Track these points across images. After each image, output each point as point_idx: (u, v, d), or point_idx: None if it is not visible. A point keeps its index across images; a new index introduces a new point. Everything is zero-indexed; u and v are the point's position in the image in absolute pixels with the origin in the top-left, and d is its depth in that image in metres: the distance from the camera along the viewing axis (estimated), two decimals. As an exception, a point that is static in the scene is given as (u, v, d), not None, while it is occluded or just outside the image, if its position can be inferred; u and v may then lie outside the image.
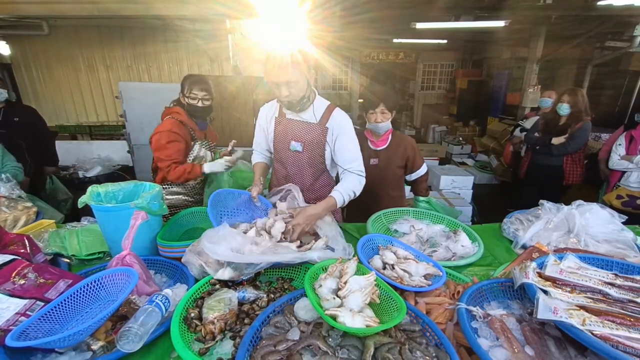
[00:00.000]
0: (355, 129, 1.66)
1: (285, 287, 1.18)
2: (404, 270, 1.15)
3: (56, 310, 0.92)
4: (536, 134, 3.30)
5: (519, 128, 4.28)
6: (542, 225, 1.51)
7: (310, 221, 1.36)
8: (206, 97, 1.91)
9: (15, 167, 2.19)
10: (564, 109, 2.97)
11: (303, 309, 0.93)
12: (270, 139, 1.72)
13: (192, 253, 1.18)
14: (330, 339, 0.85)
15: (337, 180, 1.69)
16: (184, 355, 0.83)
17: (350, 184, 1.51)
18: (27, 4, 3.46)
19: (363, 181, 1.55)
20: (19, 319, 0.87)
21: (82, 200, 1.28)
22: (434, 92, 10.15)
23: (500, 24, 4.96)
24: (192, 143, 1.96)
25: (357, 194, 1.52)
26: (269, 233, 1.31)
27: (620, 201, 2.81)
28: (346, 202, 1.49)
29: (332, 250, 1.24)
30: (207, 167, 1.88)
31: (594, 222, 1.45)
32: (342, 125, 1.58)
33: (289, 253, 1.10)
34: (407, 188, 2.44)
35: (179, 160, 1.86)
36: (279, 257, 1.09)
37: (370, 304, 0.95)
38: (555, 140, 3.08)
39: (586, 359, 0.83)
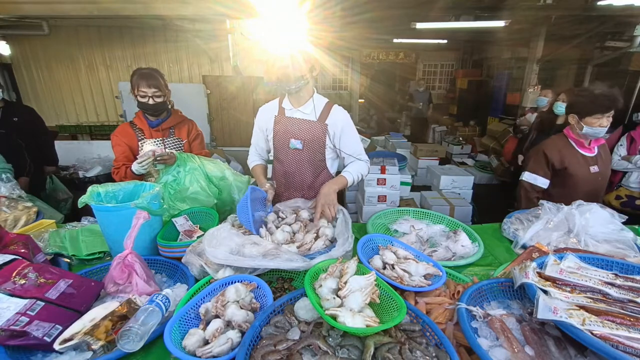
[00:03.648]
0: (356, 128, 1.70)
1: (285, 287, 1.18)
2: (404, 270, 1.15)
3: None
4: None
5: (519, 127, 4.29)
6: (542, 225, 1.51)
7: (331, 195, 1.49)
8: (157, 94, 1.80)
9: (3, 168, 2.13)
10: (561, 107, 2.97)
11: (303, 308, 0.93)
12: (270, 138, 1.72)
13: (192, 253, 1.19)
14: (330, 339, 0.85)
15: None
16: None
17: (360, 168, 1.68)
18: (27, 4, 3.45)
19: (369, 166, 1.73)
20: (20, 318, 0.87)
21: (82, 200, 1.28)
22: (434, 92, 10.14)
23: (500, 24, 4.96)
24: (140, 144, 1.89)
25: (365, 176, 1.71)
26: (270, 234, 1.32)
27: (619, 201, 2.82)
28: (355, 183, 1.66)
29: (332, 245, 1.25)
30: (134, 168, 1.76)
31: (594, 222, 1.44)
32: (344, 121, 1.65)
33: (293, 261, 1.09)
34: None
35: (121, 163, 1.83)
36: (282, 263, 1.09)
37: (371, 304, 0.95)
38: None
39: (586, 359, 0.83)
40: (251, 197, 1.42)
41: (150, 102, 1.80)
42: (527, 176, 1.95)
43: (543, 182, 1.92)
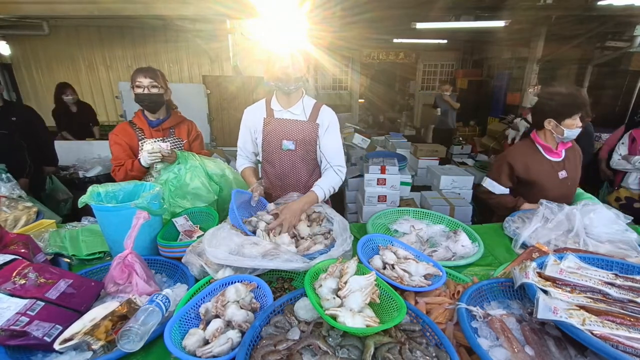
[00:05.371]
0: (348, 128, 1.69)
1: (285, 287, 1.18)
2: (404, 270, 1.15)
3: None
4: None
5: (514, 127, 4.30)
6: (539, 222, 1.50)
7: (297, 215, 1.40)
8: (153, 84, 1.79)
9: None
10: None
11: (303, 308, 0.93)
12: (259, 141, 1.70)
13: (192, 253, 1.19)
14: (330, 339, 0.85)
15: None
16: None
17: (331, 180, 1.60)
18: (27, 4, 3.46)
19: (343, 176, 1.65)
20: (20, 318, 0.87)
21: (83, 200, 1.28)
22: (434, 92, 10.16)
23: (500, 24, 4.96)
24: (140, 143, 1.88)
25: (337, 189, 1.62)
26: (268, 235, 1.32)
27: (618, 203, 2.79)
28: (327, 197, 1.58)
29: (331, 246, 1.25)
30: (143, 160, 1.77)
31: (598, 222, 1.44)
32: (330, 121, 1.65)
33: (293, 262, 1.09)
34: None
35: (122, 162, 1.83)
36: (282, 264, 1.09)
37: (371, 304, 0.95)
38: None
39: (586, 359, 0.83)
40: (241, 200, 1.43)
41: (145, 91, 1.79)
42: (487, 183, 1.90)
43: (500, 190, 1.87)
